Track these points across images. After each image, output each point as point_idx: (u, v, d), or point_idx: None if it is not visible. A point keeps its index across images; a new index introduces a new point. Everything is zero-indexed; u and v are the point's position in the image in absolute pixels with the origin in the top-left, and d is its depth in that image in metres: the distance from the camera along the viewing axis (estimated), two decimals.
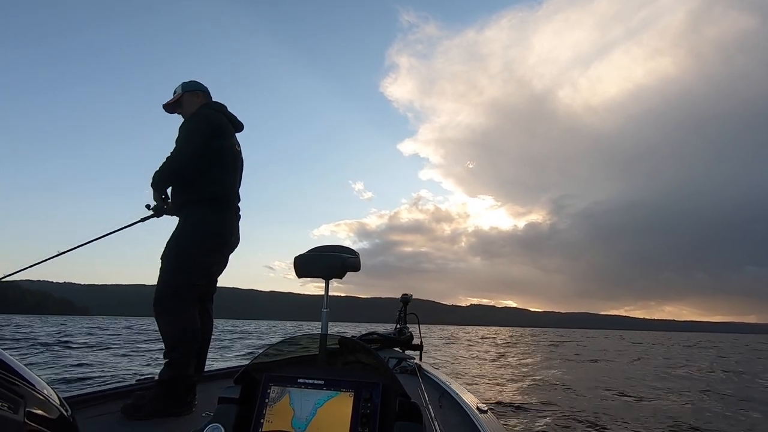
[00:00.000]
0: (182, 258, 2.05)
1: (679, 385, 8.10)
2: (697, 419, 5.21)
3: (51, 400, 0.84)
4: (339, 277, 1.35)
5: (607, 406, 5.90)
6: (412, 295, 4.02)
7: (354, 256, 1.39)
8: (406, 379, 2.66)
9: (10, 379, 0.79)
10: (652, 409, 5.73)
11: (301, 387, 1.12)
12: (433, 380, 2.61)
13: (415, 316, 3.92)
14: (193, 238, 2.08)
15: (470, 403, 1.92)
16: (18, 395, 0.79)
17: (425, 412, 1.77)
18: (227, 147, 2.22)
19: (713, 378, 9.72)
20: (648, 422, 4.99)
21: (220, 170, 2.18)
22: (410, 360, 3.25)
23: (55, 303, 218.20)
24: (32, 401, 0.80)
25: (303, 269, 1.34)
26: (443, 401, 2.15)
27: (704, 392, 7.36)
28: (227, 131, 2.25)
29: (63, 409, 0.86)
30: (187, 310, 2.02)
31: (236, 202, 2.29)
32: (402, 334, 3.81)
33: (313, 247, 1.43)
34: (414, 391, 2.13)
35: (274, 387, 1.13)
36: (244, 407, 1.11)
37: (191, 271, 2.05)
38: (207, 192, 2.14)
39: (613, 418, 5.07)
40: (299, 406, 1.10)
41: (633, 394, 6.91)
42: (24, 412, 0.79)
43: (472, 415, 1.77)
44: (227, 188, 2.21)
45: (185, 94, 2.31)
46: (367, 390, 1.09)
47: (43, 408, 0.81)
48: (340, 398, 1.10)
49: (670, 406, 6.05)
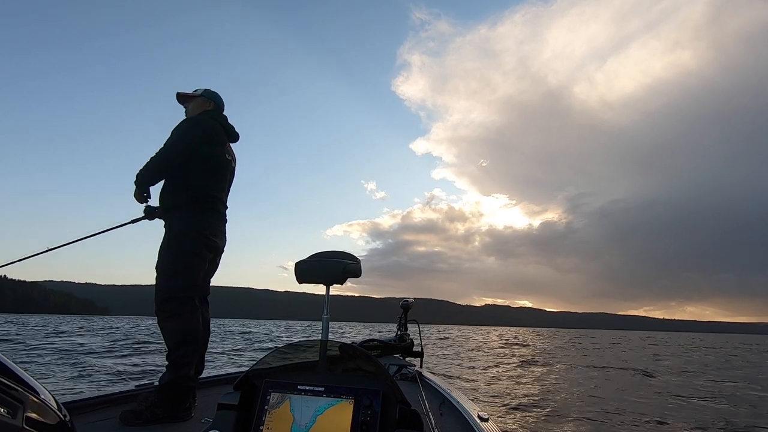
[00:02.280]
0: (176, 262, 2.08)
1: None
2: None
3: (50, 405, 0.85)
4: (340, 283, 1.34)
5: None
6: (413, 300, 3.99)
7: (355, 262, 1.38)
8: (407, 386, 2.64)
9: (9, 383, 0.80)
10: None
11: (301, 393, 1.12)
12: (433, 387, 2.58)
13: (416, 322, 3.90)
14: (184, 242, 2.11)
15: (471, 411, 1.90)
16: (17, 400, 0.80)
17: (426, 419, 1.75)
18: (217, 154, 2.26)
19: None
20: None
21: (208, 176, 2.22)
22: (411, 367, 3.22)
23: (77, 303, 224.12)
24: (31, 406, 0.80)
25: (303, 275, 1.34)
26: (444, 409, 2.13)
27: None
28: (219, 140, 2.29)
29: (61, 414, 0.87)
30: (186, 313, 2.04)
31: (223, 209, 2.32)
32: (402, 340, 3.78)
33: (314, 253, 1.42)
34: (414, 398, 2.12)
35: (274, 393, 1.13)
36: (244, 413, 1.11)
37: (186, 274, 2.08)
38: (193, 196, 2.17)
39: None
40: (299, 412, 1.10)
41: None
42: (23, 417, 0.80)
43: (473, 423, 1.75)
44: (214, 194, 2.24)
45: (201, 96, 2.38)
46: (367, 397, 1.08)
47: (41, 413, 0.82)
48: (340, 406, 1.09)
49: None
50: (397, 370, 3.06)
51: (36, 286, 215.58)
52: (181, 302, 2.03)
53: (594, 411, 5.67)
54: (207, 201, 2.20)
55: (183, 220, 2.13)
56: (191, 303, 2.07)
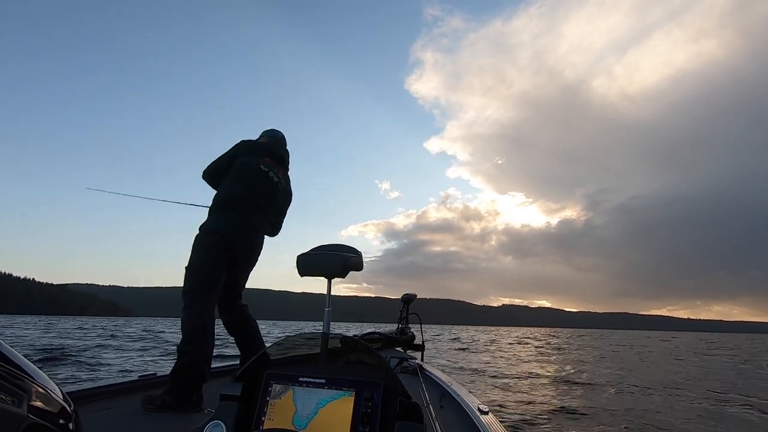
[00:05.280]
0: (192, 259, 2.22)
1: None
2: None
3: (54, 395, 0.86)
4: (341, 276, 1.34)
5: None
6: (415, 295, 4.02)
7: (356, 255, 1.38)
8: (408, 379, 2.67)
9: (13, 373, 0.82)
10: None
11: (303, 385, 1.12)
12: (434, 380, 2.59)
13: (417, 316, 3.91)
14: (201, 240, 2.27)
15: (471, 403, 1.91)
16: (21, 389, 0.82)
17: (426, 412, 1.76)
18: (248, 163, 2.48)
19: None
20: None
21: (232, 181, 2.43)
22: (412, 360, 3.25)
23: (102, 305, 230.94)
24: (35, 396, 0.82)
25: (305, 268, 1.35)
26: (444, 401, 2.14)
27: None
28: (253, 152, 2.54)
29: (66, 403, 0.89)
30: (196, 307, 2.12)
31: (250, 209, 2.40)
32: (404, 333, 3.82)
33: (316, 246, 1.43)
34: (415, 391, 2.13)
35: (276, 385, 1.14)
36: (246, 405, 1.12)
37: (199, 270, 2.18)
38: (216, 201, 2.39)
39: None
40: (301, 404, 1.10)
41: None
42: (27, 406, 0.82)
43: (473, 415, 1.75)
44: (236, 196, 2.38)
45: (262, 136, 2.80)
46: (369, 389, 1.08)
47: (46, 402, 0.83)
48: (342, 398, 1.09)
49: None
50: (398, 363, 3.09)
51: (62, 288, 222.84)
52: (193, 296, 2.13)
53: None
54: (227, 202, 2.36)
55: (206, 222, 2.34)
56: (204, 298, 2.15)
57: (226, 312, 2.42)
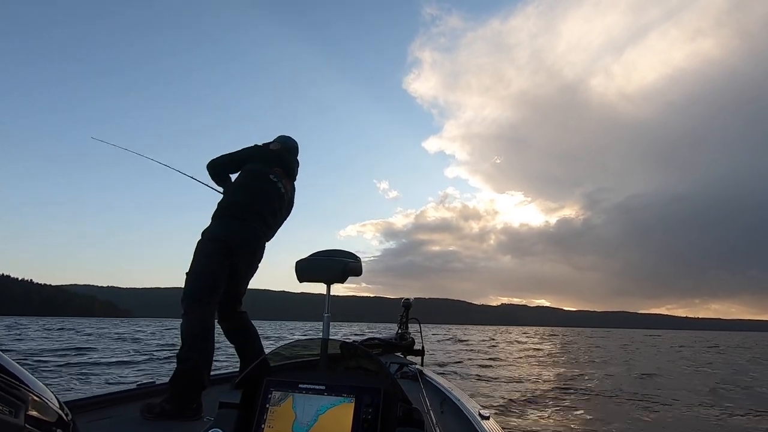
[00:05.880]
0: (193, 265, 2.23)
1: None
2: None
3: (51, 404, 0.85)
4: (340, 281, 1.34)
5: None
6: (413, 299, 4.01)
7: (355, 260, 1.37)
8: (408, 384, 2.64)
9: (10, 382, 0.81)
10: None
11: (303, 392, 1.12)
12: (434, 386, 2.57)
13: (417, 320, 3.89)
14: (201, 247, 2.27)
15: (472, 409, 1.89)
16: (19, 399, 0.81)
17: (427, 417, 1.75)
18: (258, 172, 2.49)
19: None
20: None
21: (235, 187, 2.46)
22: (412, 365, 3.23)
23: (100, 306, 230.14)
24: (33, 405, 0.81)
25: (304, 274, 1.34)
26: (445, 407, 2.12)
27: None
28: (260, 159, 2.54)
29: (63, 413, 0.88)
30: (197, 313, 2.11)
31: (254, 220, 2.39)
32: (403, 339, 3.80)
33: (315, 252, 1.42)
34: (415, 396, 2.11)
35: (276, 392, 1.13)
36: (245, 412, 1.12)
37: (198, 276, 2.18)
38: (220, 207, 2.40)
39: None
40: (301, 410, 1.10)
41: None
42: (24, 416, 0.81)
43: (474, 421, 1.74)
44: (243, 205, 2.38)
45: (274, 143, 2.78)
46: (369, 395, 1.08)
47: (43, 412, 0.82)
48: (342, 404, 1.09)
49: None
50: (398, 369, 3.07)
51: (60, 289, 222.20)
52: (194, 302, 2.12)
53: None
54: (231, 208, 2.37)
55: (208, 228, 2.34)
56: (204, 304, 2.14)
57: (226, 319, 2.41)
